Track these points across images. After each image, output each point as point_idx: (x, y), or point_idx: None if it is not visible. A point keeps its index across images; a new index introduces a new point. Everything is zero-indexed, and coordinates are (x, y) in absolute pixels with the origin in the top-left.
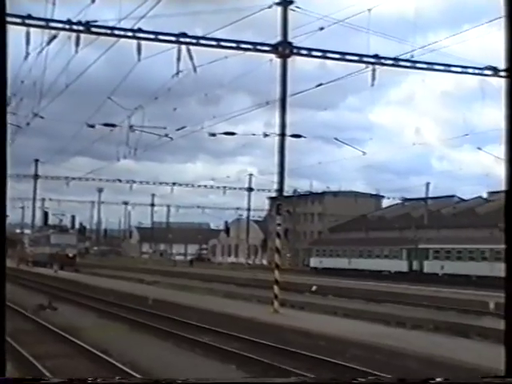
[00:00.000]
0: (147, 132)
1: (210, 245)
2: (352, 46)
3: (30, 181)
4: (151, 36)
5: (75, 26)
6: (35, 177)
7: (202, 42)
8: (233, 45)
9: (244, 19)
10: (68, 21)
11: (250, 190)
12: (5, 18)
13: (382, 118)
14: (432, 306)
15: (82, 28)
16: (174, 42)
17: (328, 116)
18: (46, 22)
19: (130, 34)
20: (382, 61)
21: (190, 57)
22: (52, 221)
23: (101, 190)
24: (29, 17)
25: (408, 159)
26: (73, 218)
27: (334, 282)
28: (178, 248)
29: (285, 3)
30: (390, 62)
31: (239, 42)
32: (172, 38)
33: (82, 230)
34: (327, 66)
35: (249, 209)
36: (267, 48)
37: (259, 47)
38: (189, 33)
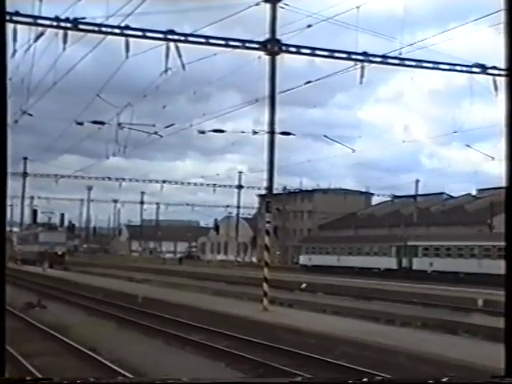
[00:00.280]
0: (136, 130)
1: (200, 242)
2: (340, 43)
3: (18, 179)
4: (139, 33)
5: (63, 23)
6: (24, 175)
7: (191, 39)
8: (221, 42)
9: (232, 16)
10: (56, 18)
11: (239, 187)
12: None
13: (371, 116)
14: (421, 304)
15: (69, 25)
16: (163, 39)
17: (317, 113)
18: (34, 19)
19: (117, 31)
20: (371, 58)
21: (179, 54)
22: (41, 219)
23: (90, 188)
24: (16, 13)
25: (397, 156)
26: (62, 216)
27: (323, 280)
28: (167, 246)
29: (273, 0)
30: (379, 59)
31: (228, 40)
32: (160, 35)
33: (71, 227)
34: (316, 64)
35: (238, 206)
36: (256, 45)
37: (248, 44)
38: (177, 30)
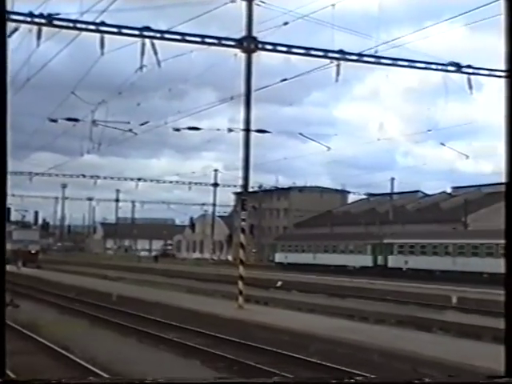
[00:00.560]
0: (111, 127)
1: (175, 240)
2: (316, 41)
3: None
4: (114, 30)
5: (37, 19)
6: None
7: (167, 36)
8: (197, 39)
9: (208, 13)
10: (29, 13)
11: (215, 185)
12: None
13: (347, 114)
14: (395, 301)
15: (43, 21)
16: (138, 35)
17: (293, 111)
18: (7, 15)
19: (92, 27)
20: (347, 56)
21: (154, 51)
22: (15, 217)
23: (64, 186)
24: None
25: (373, 154)
26: (36, 214)
27: (298, 278)
28: (142, 244)
29: None
30: (355, 57)
31: (204, 37)
32: (136, 32)
33: (45, 226)
34: (292, 62)
35: (214, 204)
36: (232, 43)
37: (224, 42)
38: (153, 27)
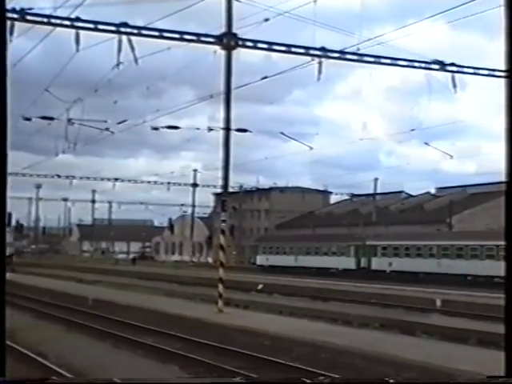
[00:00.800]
0: (87, 125)
1: (154, 242)
2: (298, 38)
3: None
4: (90, 25)
5: (9, 14)
6: None
7: (144, 32)
8: (176, 36)
9: (187, 9)
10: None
11: (194, 185)
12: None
13: (329, 113)
14: (379, 304)
15: (16, 16)
16: (115, 31)
17: (274, 110)
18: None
19: (67, 22)
20: (329, 54)
21: (132, 48)
22: None
23: (39, 186)
24: None
25: (356, 154)
26: (9, 216)
27: (280, 280)
28: (120, 246)
29: None
30: (337, 55)
31: (182, 33)
32: (112, 28)
33: (18, 227)
34: (272, 59)
35: (193, 205)
36: (211, 39)
37: (203, 38)
38: (130, 22)
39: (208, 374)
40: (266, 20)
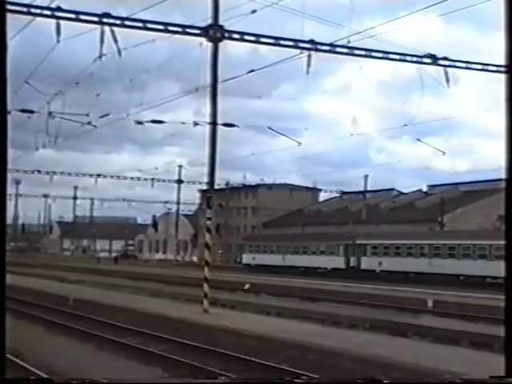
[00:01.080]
0: (68, 119)
1: (137, 240)
2: (286, 30)
3: None
4: (72, 15)
5: None
6: None
7: (127, 23)
8: (160, 27)
9: (172, 0)
10: None
11: (179, 182)
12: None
13: (318, 108)
14: (369, 304)
15: None
16: (97, 22)
17: (261, 104)
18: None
19: (47, 12)
20: (318, 47)
21: (114, 39)
22: None
23: (18, 182)
24: None
25: (345, 150)
26: None
27: (267, 280)
28: (102, 244)
29: None
30: (327, 48)
31: (167, 25)
32: (94, 19)
33: None
34: (259, 52)
35: (178, 202)
36: (197, 31)
37: (188, 30)
38: (113, 13)
39: (192, 376)
40: (254, 12)
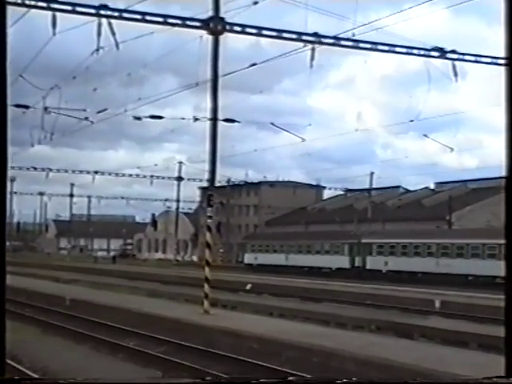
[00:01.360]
0: (64, 115)
1: (136, 239)
2: (289, 23)
3: None
4: (68, 7)
5: None
6: None
7: (125, 15)
8: (159, 19)
9: None
10: None
11: (179, 179)
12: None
13: (322, 103)
14: (374, 305)
15: None
16: (94, 14)
17: (263, 99)
18: None
19: (43, 4)
20: (322, 40)
21: (112, 32)
22: None
23: (13, 179)
24: None
25: (350, 147)
26: None
27: (270, 280)
28: (99, 243)
29: None
30: (331, 40)
31: (166, 17)
32: (91, 11)
33: None
34: (261, 45)
35: (178, 200)
36: (197, 24)
37: (188, 23)
38: (110, 5)
39: (191, 379)
40: (255, 3)
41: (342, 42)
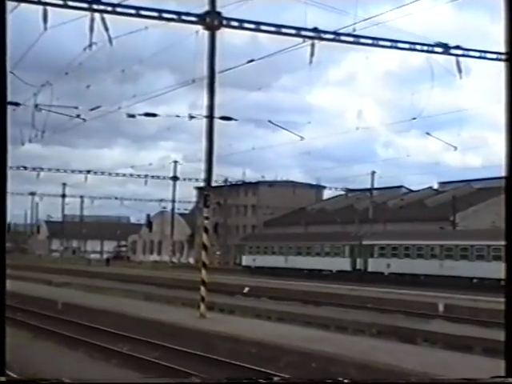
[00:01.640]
0: (56, 112)
1: (130, 241)
2: (288, 18)
3: None
4: (59, 1)
5: None
6: None
7: (119, 9)
8: (154, 14)
9: None
10: None
11: (174, 178)
12: None
13: (322, 100)
14: (376, 309)
15: None
16: (87, 9)
17: (261, 97)
18: None
19: None
20: (322, 35)
21: (105, 27)
22: None
23: None
24: None
25: (351, 145)
26: None
27: (268, 283)
28: (93, 245)
29: None
30: (331, 36)
31: (161, 11)
32: (84, 5)
33: None
34: (259, 41)
35: (174, 200)
36: (193, 18)
37: (184, 17)
38: None
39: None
40: None
41: (343, 38)
